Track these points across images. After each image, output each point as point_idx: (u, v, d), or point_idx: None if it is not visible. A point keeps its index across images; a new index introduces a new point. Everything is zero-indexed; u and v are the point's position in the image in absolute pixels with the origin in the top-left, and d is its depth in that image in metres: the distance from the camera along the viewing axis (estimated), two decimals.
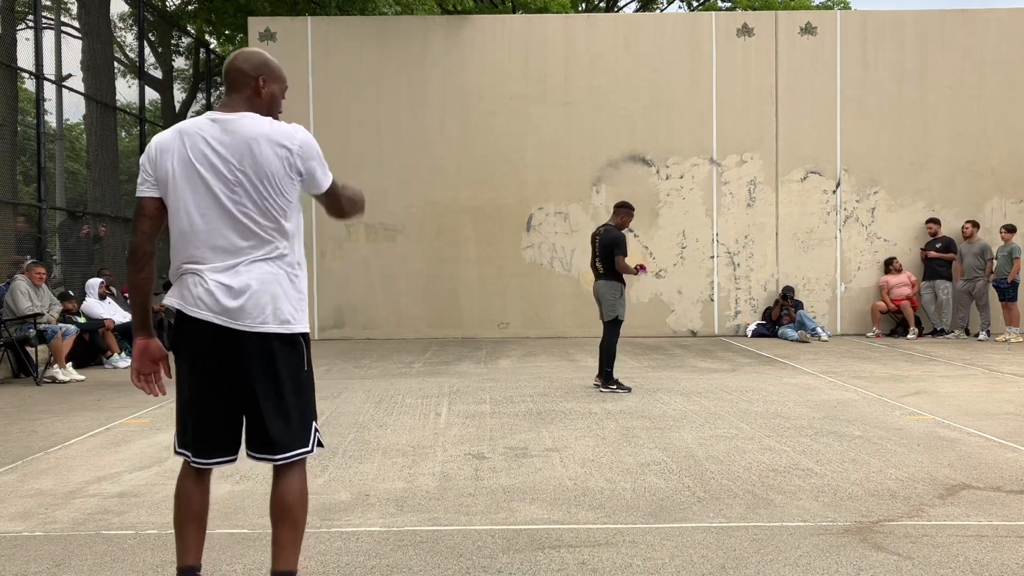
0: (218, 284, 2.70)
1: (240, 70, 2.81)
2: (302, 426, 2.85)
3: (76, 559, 3.55)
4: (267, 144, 2.71)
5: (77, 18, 14.54)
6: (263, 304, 2.71)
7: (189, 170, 2.71)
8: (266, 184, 2.71)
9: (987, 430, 5.95)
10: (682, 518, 4.02)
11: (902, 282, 12.74)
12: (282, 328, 2.74)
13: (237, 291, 2.69)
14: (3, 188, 10.80)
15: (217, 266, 2.71)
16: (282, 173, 2.72)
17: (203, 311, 2.70)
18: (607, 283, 7.86)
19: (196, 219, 2.72)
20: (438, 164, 13.11)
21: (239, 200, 2.70)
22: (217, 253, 2.71)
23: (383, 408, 7.04)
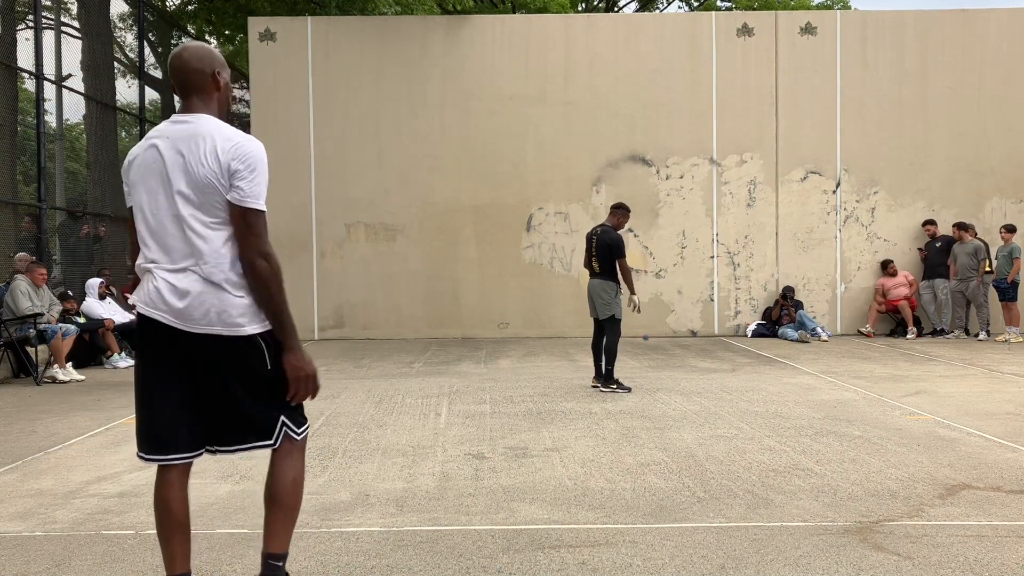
0: (167, 284, 2.70)
1: (194, 68, 2.79)
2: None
3: (76, 559, 3.55)
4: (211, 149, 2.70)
5: (77, 18, 14.54)
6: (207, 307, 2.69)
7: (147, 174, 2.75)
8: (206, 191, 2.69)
9: (987, 430, 5.95)
10: (682, 518, 4.02)
11: (899, 283, 12.74)
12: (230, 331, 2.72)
13: (182, 292, 2.69)
14: (3, 188, 10.81)
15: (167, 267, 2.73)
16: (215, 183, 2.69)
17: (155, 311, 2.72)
18: (602, 282, 7.90)
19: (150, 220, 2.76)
20: (438, 164, 13.11)
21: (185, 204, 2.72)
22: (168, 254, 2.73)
23: (383, 408, 7.04)
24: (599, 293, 7.90)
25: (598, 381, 7.94)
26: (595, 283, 7.96)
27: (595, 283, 7.96)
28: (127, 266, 14.69)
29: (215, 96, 2.83)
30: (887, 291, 12.77)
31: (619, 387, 7.73)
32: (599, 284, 7.91)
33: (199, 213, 2.70)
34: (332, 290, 13.08)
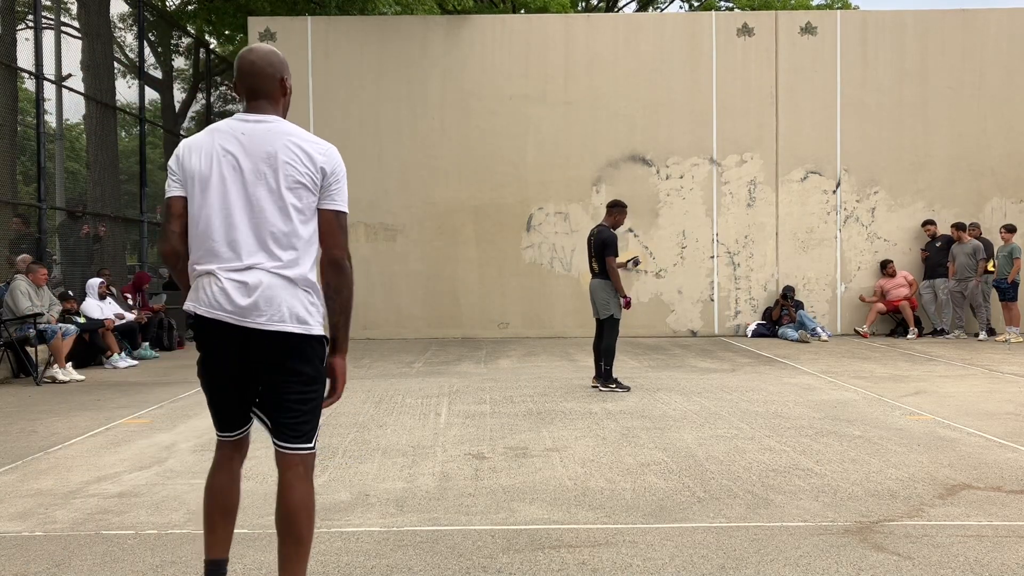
0: (234, 283, 2.66)
1: (265, 73, 2.77)
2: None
3: (76, 559, 3.55)
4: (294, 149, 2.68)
5: (77, 18, 14.53)
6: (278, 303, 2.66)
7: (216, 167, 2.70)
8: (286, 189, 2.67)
9: (987, 430, 5.95)
10: (682, 518, 4.02)
11: (898, 283, 12.74)
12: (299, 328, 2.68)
13: (251, 288, 2.65)
14: (3, 188, 10.80)
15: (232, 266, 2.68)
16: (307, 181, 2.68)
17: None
18: (601, 282, 7.95)
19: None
20: (438, 164, 13.11)
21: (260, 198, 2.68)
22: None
23: (383, 408, 7.04)
24: (598, 293, 7.95)
25: (598, 381, 7.97)
26: (594, 283, 8.01)
27: (594, 283, 8.01)
28: (127, 266, 14.69)
29: (281, 101, 2.82)
30: (887, 292, 12.77)
31: (618, 386, 7.75)
32: (598, 284, 7.96)
33: (282, 211, 2.66)
34: None
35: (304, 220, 2.68)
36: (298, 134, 2.72)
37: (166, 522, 4.01)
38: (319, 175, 2.68)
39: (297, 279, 2.68)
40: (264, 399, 2.76)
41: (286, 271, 2.66)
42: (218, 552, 2.87)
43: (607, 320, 7.88)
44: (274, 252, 2.65)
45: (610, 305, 7.88)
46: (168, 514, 4.15)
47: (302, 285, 2.69)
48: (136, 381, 8.87)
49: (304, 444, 2.79)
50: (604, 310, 7.91)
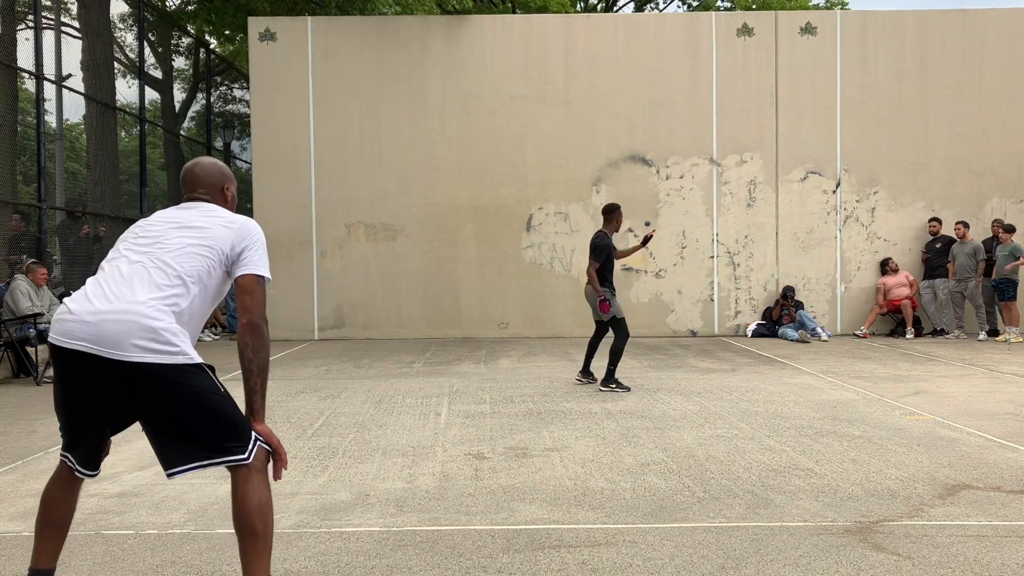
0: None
1: (208, 183, 3.05)
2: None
3: (76, 559, 3.55)
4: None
5: (77, 18, 14.54)
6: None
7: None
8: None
9: (987, 430, 5.95)
10: (682, 518, 4.02)
11: (900, 283, 12.73)
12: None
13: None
14: (3, 188, 10.81)
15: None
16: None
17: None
18: (590, 287, 8.05)
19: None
20: (438, 164, 13.11)
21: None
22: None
23: (383, 408, 7.04)
24: (592, 298, 8.06)
25: (583, 376, 8.17)
26: (588, 288, 8.11)
27: (588, 288, 8.11)
28: None
29: (222, 199, 3.07)
30: (888, 290, 12.76)
31: (619, 387, 7.75)
32: (589, 289, 8.05)
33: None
34: (332, 290, 13.08)
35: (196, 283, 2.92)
36: (221, 212, 3.06)
37: (166, 522, 4.01)
38: (232, 245, 2.96)
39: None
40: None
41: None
42: (45, 562, 2.86)
43: (611, 322, 7.89)
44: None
45: (611, 308, 7.92)
46: (168, 514, 4.15)
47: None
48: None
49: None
50: (603, 313, 7.96)
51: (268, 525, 2.77)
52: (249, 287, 2.87)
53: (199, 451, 2.71)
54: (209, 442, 2.71)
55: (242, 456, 2.74)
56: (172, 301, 2.74)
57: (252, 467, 2.76)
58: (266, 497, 2.77)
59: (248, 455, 2.75)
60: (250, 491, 2.74)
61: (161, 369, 2.67)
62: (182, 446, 2.72)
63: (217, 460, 2.73)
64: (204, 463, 2.73)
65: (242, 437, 2.76)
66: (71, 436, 2.81)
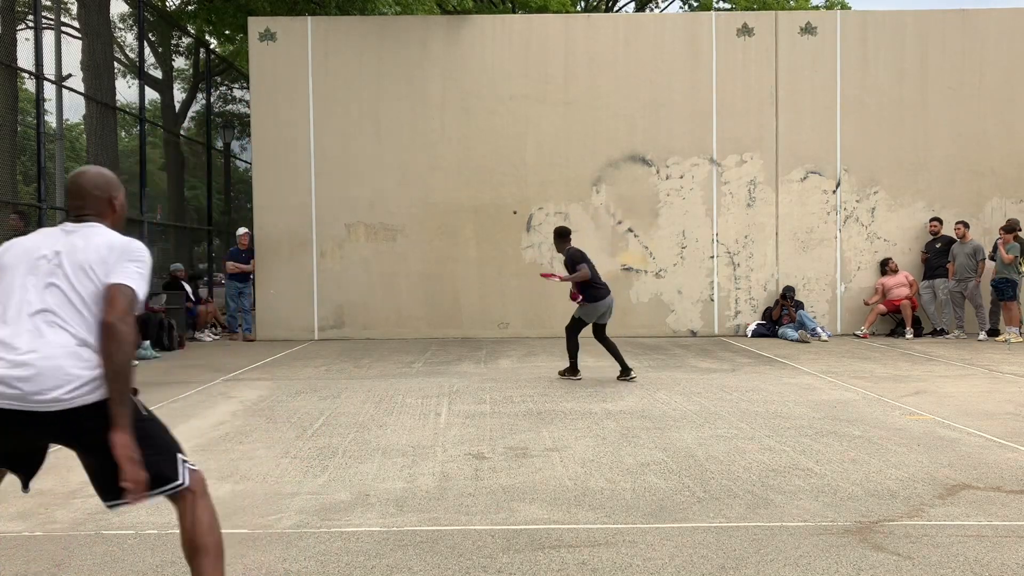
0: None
1: (95, 196, 2.90)
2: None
3: (76, 559, 3.55)
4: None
5: (77, 18, 14.54)
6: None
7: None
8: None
9: (987, 430, 5.95)
10: (682, 518, 4.02)
11: (899, 283, 12.73)
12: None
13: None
14: (3, 188, 10.81)
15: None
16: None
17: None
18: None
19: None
20: (438, 164, 13.11)
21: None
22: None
23: (383, 408, 7.04)
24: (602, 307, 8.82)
25: (625, 375, 8.56)
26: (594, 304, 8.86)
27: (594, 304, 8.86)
28: None
29: (111, 218, 2.92)
30: (888, 290, 12.76)
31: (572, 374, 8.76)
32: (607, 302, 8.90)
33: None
34: (332, 290, 13.08)
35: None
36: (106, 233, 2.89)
37: (166, 522, 4.01)
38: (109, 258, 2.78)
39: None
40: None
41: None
42: None
43: (574, 319, 8.78)
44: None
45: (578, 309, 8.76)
46: (168, 514, 4.15)
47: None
48: (136, 381, 8.85)
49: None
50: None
51: (220, 541, 2.87)
52: (109, 293, 2.74)
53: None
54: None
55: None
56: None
57: (194, 490, 2.87)
58: (214, 515, 2.91)
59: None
60: (199, 513, 2.89)
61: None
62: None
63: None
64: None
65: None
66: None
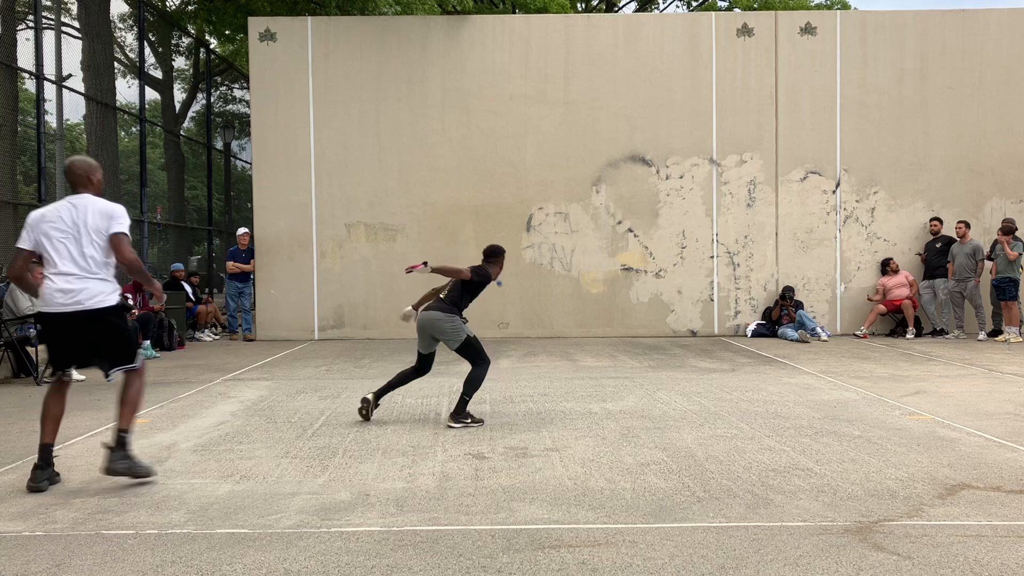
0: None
1: (80, 174, 4.87)
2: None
3: (76, 559, 3.55)
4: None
5: (77, 18, 14.55)
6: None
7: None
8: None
9: (987, 430, 5.95)
10: (682, 518, 4.02)
11: (900, 283, 12.74)
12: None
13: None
14: (3, 188, 10.81)
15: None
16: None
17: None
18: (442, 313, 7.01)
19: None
20: (438, 164, 13.11)
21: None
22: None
23: (383, 408, 7.04)
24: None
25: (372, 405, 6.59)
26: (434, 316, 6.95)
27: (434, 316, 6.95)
28: None
29: (91, 189, 4.85)
30: (888, 291, 12.76)
31: (472, 421, 6.43)
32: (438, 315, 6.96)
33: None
34: (332, 290, 13.08)
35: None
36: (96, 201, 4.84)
37: (166, 522, 4.02)
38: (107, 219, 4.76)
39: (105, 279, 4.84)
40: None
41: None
42: (48, 439, 4.70)
43: (463, 346, 6.78)
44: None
45: (459, 330, 6.77)
46: (168, 514, 4.15)
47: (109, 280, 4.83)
48: None
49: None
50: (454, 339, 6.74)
51: (139, 400, 4.90)
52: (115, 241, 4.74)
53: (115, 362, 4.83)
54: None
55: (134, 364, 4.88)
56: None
57: (139, 371, 4.88)
58: (141, 389, 4.90)
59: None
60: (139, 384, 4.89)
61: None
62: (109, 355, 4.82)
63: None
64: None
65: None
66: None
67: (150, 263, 14.68)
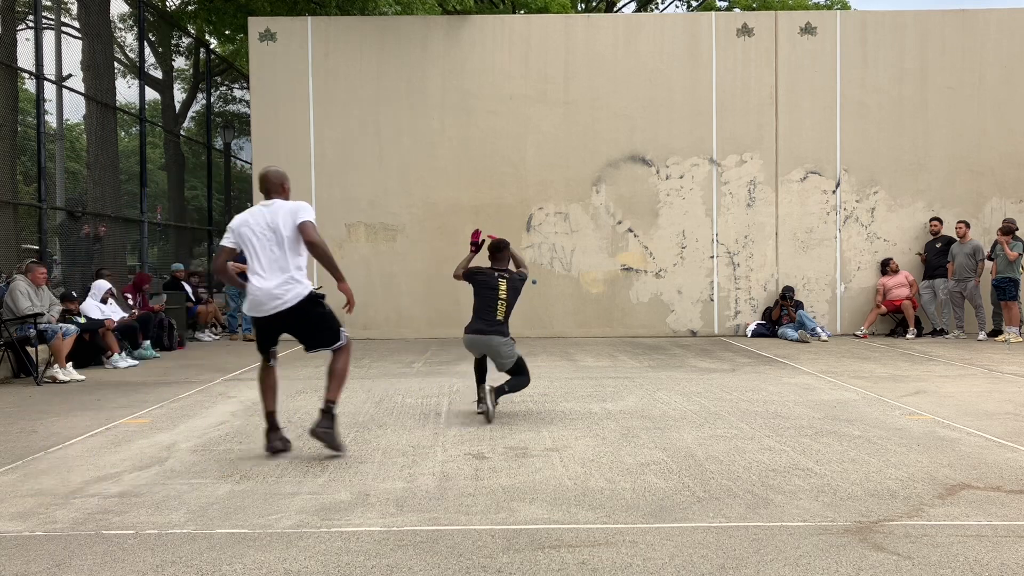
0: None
1: (277, 184, 5.50)
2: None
3: (76, 559, 3.55)
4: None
5: (77, 18, 14.55)
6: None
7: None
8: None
9: (987, 430, 5.95)
10: (682, 518, 4.02)
11: (899, 283, 12.73)
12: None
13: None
14: (3, 188, 10.81)
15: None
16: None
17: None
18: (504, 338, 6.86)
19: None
20: (438, 164, 13.11)
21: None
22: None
23: (383, 408, 7.04)
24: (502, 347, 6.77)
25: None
26: (496, 339, 6.85)
27: (496, 339, 6.85)
28: (127, 266, 14.74)
29: (283, 195, 5.47)
30: (888, 291, 12.76)
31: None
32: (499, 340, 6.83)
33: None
34: (332, 290, 13.04)
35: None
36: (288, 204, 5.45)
37: (166, 522, 4.02)
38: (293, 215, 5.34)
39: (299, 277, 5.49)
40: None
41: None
42: (270, 407, 5.37)
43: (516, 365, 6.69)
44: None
45: (514, 352, 6.77)
46: (168, 514, 4.15)
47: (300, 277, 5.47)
48: (136, 381, 8.87)
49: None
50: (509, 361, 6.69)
51: (345, 374, 5.45)
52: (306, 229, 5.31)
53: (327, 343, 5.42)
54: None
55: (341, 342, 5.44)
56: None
57: (345, 347, 5.47)
58: (347, 363, 5.47)
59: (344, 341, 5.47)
60: (345, 359, 5.44)
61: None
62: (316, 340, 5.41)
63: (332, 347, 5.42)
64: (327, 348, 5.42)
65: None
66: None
67: (150, 263, 14.68)
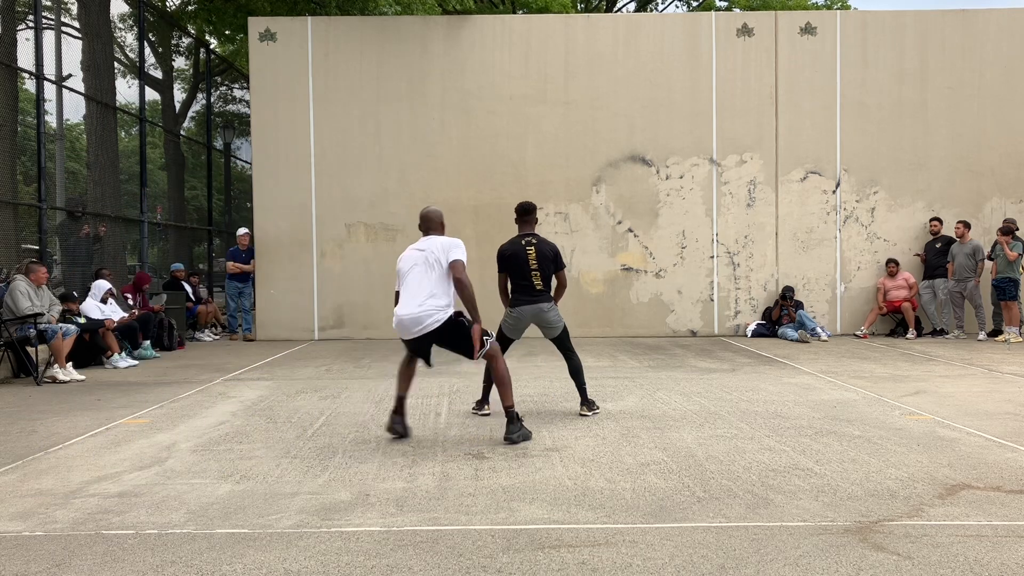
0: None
1: (438, 222, 6.17)
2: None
3: (76, 559, 3.55)
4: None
5: (77, 18, 14.55)
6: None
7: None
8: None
9: (987, 430, 5.95)
10: (682, 518, 4.02)
11: (899, 284, 12.73)
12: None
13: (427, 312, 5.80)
14: (3, 188, 10.81)
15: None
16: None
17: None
18: (548, 304, 6.87)
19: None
20: (438, 164, 13.11)
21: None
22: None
23: (383, 408, 7.04)
24: (549, 314, 6.82)
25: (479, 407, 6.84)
26: (538, 307, 6.87)
27: (538, 307, 6.87)
28: (127, 266, 14.75)
29: (440, 231, 6.07)
30: (887, 291, 12.76)
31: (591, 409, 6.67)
32: (545, 306, 6.86)
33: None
34: (332, 290, 13.08)
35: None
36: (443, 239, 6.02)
37: (166, 522, 4.02)
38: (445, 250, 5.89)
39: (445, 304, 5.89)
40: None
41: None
42: (402, 392, 5.93)
43: (564, 333, 6.81)
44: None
45: (560, 319, 6.87)
46: (168, 514, 4.15)
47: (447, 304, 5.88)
48: (136, 381, 8.87)
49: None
50: (558, 327, 6.81)
51: (506, 377, 5.97)
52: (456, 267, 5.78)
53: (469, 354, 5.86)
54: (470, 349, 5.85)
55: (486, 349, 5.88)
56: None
57: (490, 354, 5.97)
58: (503, 367, 5.99)
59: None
60: (498, 365, 5.94)
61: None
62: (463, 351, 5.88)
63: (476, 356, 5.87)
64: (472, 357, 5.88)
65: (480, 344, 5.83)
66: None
67: (150, 263, 14.68)
